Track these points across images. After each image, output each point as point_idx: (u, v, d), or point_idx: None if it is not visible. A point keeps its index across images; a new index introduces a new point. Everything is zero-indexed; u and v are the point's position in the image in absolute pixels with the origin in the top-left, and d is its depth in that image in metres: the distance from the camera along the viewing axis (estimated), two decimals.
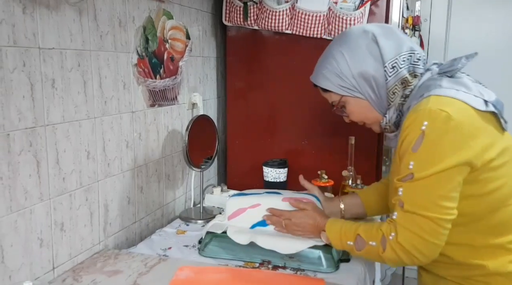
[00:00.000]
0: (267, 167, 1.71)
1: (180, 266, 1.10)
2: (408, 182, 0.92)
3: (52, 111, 1.02)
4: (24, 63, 0.94)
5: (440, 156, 0.88)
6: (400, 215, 0.94)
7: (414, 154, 0.90)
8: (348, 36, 1.07)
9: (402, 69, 1.01)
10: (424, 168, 0.89)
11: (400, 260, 0.95)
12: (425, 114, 0.90)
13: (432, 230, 0.90)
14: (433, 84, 0.96)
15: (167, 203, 1.57)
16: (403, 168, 0.93)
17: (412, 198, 0.92)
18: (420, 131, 0.89)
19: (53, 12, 1.00)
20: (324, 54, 1.13)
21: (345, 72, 1.05)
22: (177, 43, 1.52)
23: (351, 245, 1.03)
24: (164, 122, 1.51)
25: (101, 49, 1.17)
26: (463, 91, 0.93)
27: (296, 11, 1.63)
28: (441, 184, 0.89)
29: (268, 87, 1.78)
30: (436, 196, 0.89)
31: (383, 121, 1.07)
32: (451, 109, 0.89)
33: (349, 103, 1.09)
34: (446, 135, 0.88)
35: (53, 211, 1.05)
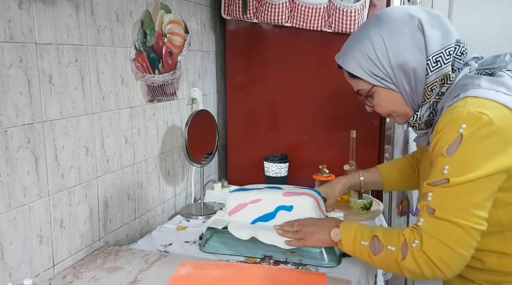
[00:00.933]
0: (268, 162, 1.70)
1: (181, 262, 1.09)
2: (441, 187, 0.85)
3: (50, 107, 1.01)
4: (21, 59, 0.93)
5: (479, 162, 0.82)
6: (427, 222, 0.87)
7: (449, 158, 0.84)
8: (391, 19, 0.96)
9: (446, 65, 0.92)
10: (461, 174, 0.83)
11: (420, 272, 0.88)
12: (463, 116, 0.83)
13: (462, 240, 0.84)
14: (470, 83, 0.89)
15: (168, 199, 1.56)
16: (436, 172, 0.86)
17: (444, 204, 0.85)
18: (457, 134, 0.83)
19: (50, 7, 0.99)
20: (358, 34, 1.00)
21: (383, 59, 0.94)
22: (175, 38, 1.51)
23: (366, 246, 0.94)
24: (163, 117, 1.50)
25: (99, 44, 1.16)
26: (503, 92, 0.86)
27: (295, 3, 1.62)
28: (477, 191, 0.83)
29: (268, 81, 1.76)
30: (470, 204, 0.83)
31: (413, 118, 0.99)
32: (492, 112, 0.82)
33: (379, 94, 0.99)
34: (485, 140, 0.82)
35: (53, 207, 1.04)
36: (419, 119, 0.98)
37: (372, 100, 1.02)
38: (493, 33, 2.67)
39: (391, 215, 1.85)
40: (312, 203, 1.21)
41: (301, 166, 1.74)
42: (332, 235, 1.03)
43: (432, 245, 0.86)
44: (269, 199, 1.22)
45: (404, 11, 0.96)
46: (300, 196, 1.22)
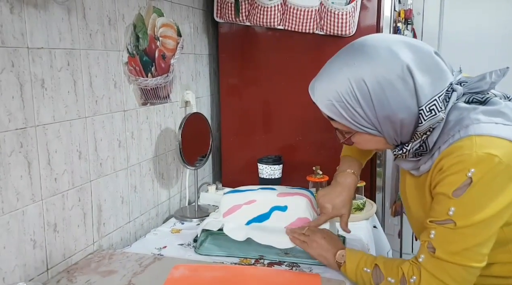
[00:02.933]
0: (262, 164, 1.70)
1: (175, 264, 1.10)
2: (446, 227, 0.84)
3: (42, 112, 1.01)
4: (13, 63, 0.93)
5: (487, 204, 0.81)
6: (428, 260, 0.87)
7: (456, 200, 0.82)
8: (374, 60, 0.84)
9: (441, 112, 0.85)
10: (468, 216, 0.82)
11: None
12: (472, 159, 0.80)
13: (462, 279, 0.85)
14: (466, 118, 0.84)
15: (162, 202, 1.56)
16: (440, 211, 0.85)
17: (447, 245, 0.84)
18: (465, 177, 0.80)
19: (41, 11, 0.99)
20: (336, 71, 0.88)
21: (367, 110, 0.85)
22: (168, 41, 1.51)
23: (368, 273, 0.96)
24: (156, 120, 1.50)
25: (91, 48, 1.16)
26: (502, 123, 0.83)
27: (287, 6, 1.63)
28: (483, 231, 0.83)
29: (262, 84, 1.77)
30: (474, 245, 0.83)
31: (399, 150, 0.93)
32: (500, 151, 0.80)
33: (359, 136, 0.92)
34: (494, 181, 0.81)
35: (46, 212, 1.04)
36: (408, 152, 0.92)
37: (350, 138, 0.95)
38: (484, 32, 2.70)
39: (384, 215, 1.86)
40: (306, 203, 1.21)
41: (295, 168, 1.75)
42: (337, 256, 1.03)
43: (430, 283, 0.87)
44: (263, 200, 1.23)
45: (390, 52, 0.84)
46: (294, 197, 1.23)
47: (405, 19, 2.01)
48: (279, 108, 1.76)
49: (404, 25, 2.01)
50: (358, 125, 0.88)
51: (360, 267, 0.98)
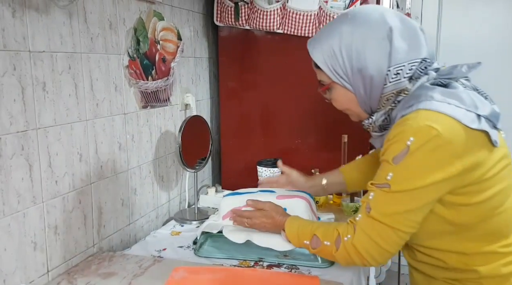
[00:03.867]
0: (261, 167, 1.71)
1: (175, 267, 1.10)
2: (382, 190, 0.89)
3: (44, 114, 1.02)
4: (15, 66, 0.94)
5: (421, 174, 0.85)
6: (363, 219, 0.93)
7: (394, 166, 0.87)
8: (366, 20, 0.94)
9: (405, 79, 0.91)
10: (402, 182, 0.87)
11: (351, 260, 0.95)
12: (412, 129, 0.85)
13: (391, 240, 0.90)
14: (424, 94, 0.89)
15: (162, 205, 1.57)
16: (381, 175, 0.90)
17: (381, 206, 0.90)
18: (405, 145, 0.85)
19: (43, 15, 1.00)
20: (333, 25, 0.99)
21: (346, 59, 0.94)
22: (168, 44, 1.52)
23: (307, 244, 1.03)
24: (156, 123, 1.51)
25: (92, 52, 1.17)
26: (455, 105, 0.86)
27: (287, 10, 1.64)
28: (415, 200, 0.87)
29: (261, 87, 1.78)
30: (406, 211, 0.88)
31: (367, 120, 1.00)
32: (441, 126, 0.83)
33: (336, 90, 1.00)
34: (431, 153, 0.84)
35: (47, 214, 1.05)
36: (373, 123, 0.99)
37: (330, 94, 1.02)
38: (481, 36, 2.71)
39: None
40: (305, 205, 1.22)
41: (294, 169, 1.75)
42: (283, 236, 1.11)
43: (362, 240, 0.92)
44: None
45: (381, 15, 0.94)
46: (292, 199, 1.23)
47: None
48: (278, 111, 1.77)
49: None
50: (335, 73, 0.96)
51: (301, 241, 1.05)
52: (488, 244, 0.93)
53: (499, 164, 0.90)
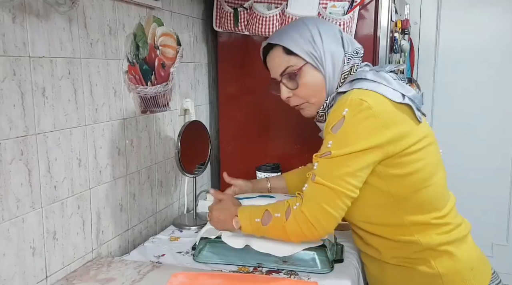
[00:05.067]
0: (260, 172, 1.71)
1: (174, 272, 1.10)
2: (325, 158, 1.01)
3: (43, 120, 1.02)
4: (14, 72, 0.94)
5: (355, 139, 0.98)
6: (309, 186, 1.03)
7: (333, 135, 1.00)
8: (321, 21, 1.17)
9: (355, 59, 1.11)
10: (340, 147, 0.99)
11: (300, 230, 1.03)
12: (347, 102, 1.00)
13: (334, 203, 1.00)
14: (358, 74, 1.07)
15: (160, 210, 1.56)
16: (323, 146, 1.03)
17: (324, 171, 1.01)
18: (341, 116, 0.99)
19: (43, 21, 1.01)
20: (294, 23, 1.16)
21: (319, 43, 1.09)
22: (168, 50, 1.53)
23: (258, 222, 1.08)
24: (156, 128, 1.51)
25: (92, 57, 1.17)
26: (384, 84, 1.03)
27: (286, 16, 1.65)
28: (351, 162, 0.99)
29: (260, 92, 1.78)
30: (344, 173, 0.99)
31: (323, 110, 1.13)
32: (370, 99, 0.99)
33: (306, 74, 1.11)
34: (363, 122, 0.98)
35: (45, 219, 1.04)
36: (327, 107, 1.12)
37: (297, 80, 1.11)
38: (480, 42, 2.72)
39: None
40: None
41: None
42: (234, 223, 1.13)
43: (309, 206, 1.02)
44: None
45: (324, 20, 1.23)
46: None
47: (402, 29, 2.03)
48: (277, 116, 1.78)
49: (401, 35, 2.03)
50: (310, 54, 1.09)
51: (252, 221, 1.09)
52: (421, 215, 1.05)
53: (424, 140, 1.05)
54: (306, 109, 1.17)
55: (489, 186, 2.67)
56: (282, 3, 1.65)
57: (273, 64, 1.16)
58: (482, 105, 2.69)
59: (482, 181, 2.69)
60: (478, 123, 2.68)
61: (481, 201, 2.65)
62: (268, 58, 1.18)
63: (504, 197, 2.74)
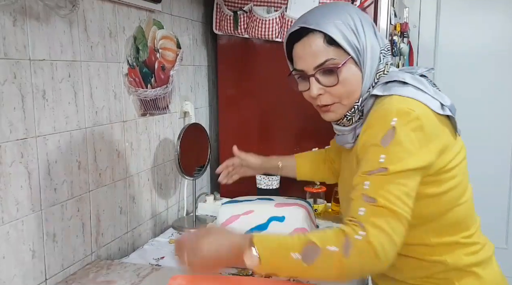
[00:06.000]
0: (260, 175, 1.71)
1: (173, 275, 1.10)
2: (379, 176, 0.84)
3: (43, 122, 1.02)
4: (15, 75, 0.94)
5: (409, 154, 0.85)
6: (368, 210, 0.83)
7: (385, 148, 0.85)
8: (362, 12, 1.01)
9: (387, 56, 1.00)
10: (396, 162, 0.84)
11: (361, 266, 0.83)
12: (393, 111, 0.87)
13: (399, 229, 0.83)
14: (395, 75, 0.95)
15: (160, 213, 1.56)
16: (371, 161, 0.86)
17: (381, 191, 0.84)
18: (389, 126, 0.85)
19: (44, 24, 1.01)
20: (333, 7, 0.98)
21: (361, 34, 0.95)
22: (168, 53, 1.53)
23: (297, 258, 0.81)
24: (155, 131, 1.51)
25: (92, 60, 1.17)
26: (422, 90, 0.92)
27: (285, 19, 1.65)
28: (408, 180, 0.85)
29: (260, 95, 1.79)
30: (403, 193, 0.84)
31: (353, 107, 0.97)
32: (417, 109, 0.88)
33: (347, 70, 0.95)
34: (414, 134, 0.86)
35: (45, 222, 1.05)
36: (357, 110, 0.97)
37: (338, 76, 0.94)
38: (479, 45, 2.73)
39: None
40: (304, 214, 1.23)
41: (293, 179, 1.75)
42: (248, 258, 0.83)
43: (376, 235, 0.81)
44: (261, 210, 1.24)
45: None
46: (291, 207, 1.24)
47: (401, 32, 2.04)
48: (277, 119, 1.78)
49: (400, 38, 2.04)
50: (355, 47, 0.94)
51: (285, 256, 0.82)
52: (451, 235, 0.95)
53: (460, 154, 0.94)
54: (335, 111, 1.00)
55: (488, 189, 2.68)
56: (281, 6, 1.66)
57: (306, 53, 0.95)
58: (481, 108, 2.70)
59: (481, 184, 2.68)
60: (477, 127, 2.69)
61: (481, 204, 2.65)
62: (298, 46, 0.97)
63: (503, 200, 2.75)
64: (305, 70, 0.97)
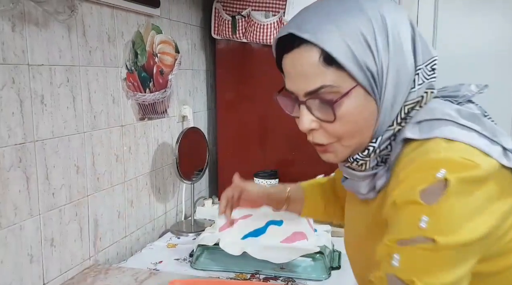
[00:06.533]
0: (258, 178, 1.71)
1: (171, 279, 1.10)
2: (420, 248, 0.57)
3: (42, 127, 1.03)
4: (13, 80, 0.95)
5: (469, 218, 0.57)
6: None
7: (429, 207, 0.57)
8: (391, 7, 0.66)
9: (430, 80, 0.67)
10: (449, 231, 0.56)
11: None
12: (440, 160, 0.58)
13: None
14: (439, 110, 0.64)
15: (158, 217, 1.56)
16: (406, 224, 0.59)
17: (426, 275, 0.57)
18: (434, 178, 0.57)
19: (42, 29, 1.02)
20: (340, 3, 0.65)
21: (381, 49, 0.62)
22: (166, 57, 1.54)
23: None
24: (154, 135, 1.51)
25: (90, 65, 1.18)
26: (478, 131, 0.62)
27: (283, 24, 1.66)
28: (464, 261, 0.58)
29: (258, 99, 1.80)
30: (458, 278, 0.57)
31: (366, 150, 0.68)
32: (476, 158, 0.59)
33: (352, 102, 0.64)
34: (473, 193, 0.58)
35: (43, 226, 1.04)
36: (373, 153, 0.68)
37: (335, 111, 0.65)
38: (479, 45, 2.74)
39: None
40: (302, 218, 1.22)
41: (291, 182, 1.76)
42: None
43: None
44: (259, 214, 1.24)
45: (400, 9, 0.67)
46: None
47: None
48: (275, 123, 1.78)
49: None
50: (367, 71, 0.63)
51: None
52: None
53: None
54: (334, 152, 0.70)
55: None
56: (279, 11, 1.66)
57: (296, 72, 0.68)
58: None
59: None
60: None
61: None
62: (287, 60, 0.70)
63: None
64: (294, 93, 0.71)
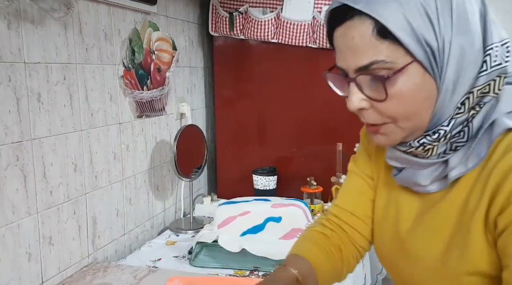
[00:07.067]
0: (257, 175, 1.72)
1: (170, 277, 1.10)
2: None
3: (39, 125, 1.02)
4: (10, 78, 0.94)
5: None
6: None
7: None
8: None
9: (507, 63, 0.60)
10: None
11: None
12: None
13: None
14: None
15: (157, 214, 1.56)
16: None
17: None
18: None
19: (38, 27, 1.01)
20: None
21: (443, 23, 0.56)
22: (163, 54, 1.53)
23: None
24: (152, 132, 1.51)
25: (87, 62, 1.17)
26: None
27: (281, 20, 1.66)
28: None
29: (256, 96, 1.79)
30: None
31: (437, 134, 0.60)
32: None
33: (408, 79, 0.58)
34: None
35: (41, 225, 1.04)
36: (443, 137, 0.60)
37: (387, 88, 0.58)
38: None
39: None
40: (300, 214, 1.23)
41: (290, 179, 1.76)
42: None
43: None
44: (257, 211, 1.24)
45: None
46: (288, 207, 1.24)
47: None
48: (274, 120, 1.78)
49: None
50: (427, 47, 0.56)
51: None
52: None
53: None
54: (387, 134, 0.62)
55: None
56: (277, 7, 1.66)
57: (346, 47, 0.60)
58: None
59: None
60: None
61: None
62: (338, 33, 0.61)
63: None
64: (344, 69, 0.62)
